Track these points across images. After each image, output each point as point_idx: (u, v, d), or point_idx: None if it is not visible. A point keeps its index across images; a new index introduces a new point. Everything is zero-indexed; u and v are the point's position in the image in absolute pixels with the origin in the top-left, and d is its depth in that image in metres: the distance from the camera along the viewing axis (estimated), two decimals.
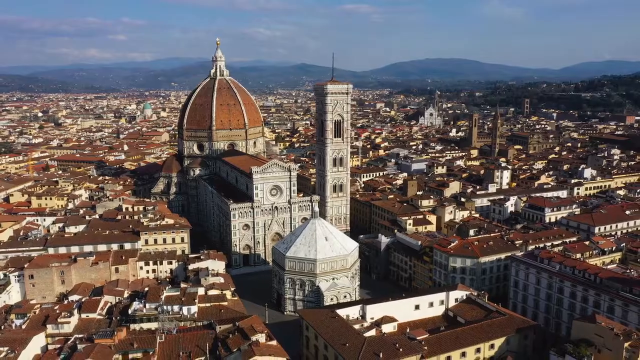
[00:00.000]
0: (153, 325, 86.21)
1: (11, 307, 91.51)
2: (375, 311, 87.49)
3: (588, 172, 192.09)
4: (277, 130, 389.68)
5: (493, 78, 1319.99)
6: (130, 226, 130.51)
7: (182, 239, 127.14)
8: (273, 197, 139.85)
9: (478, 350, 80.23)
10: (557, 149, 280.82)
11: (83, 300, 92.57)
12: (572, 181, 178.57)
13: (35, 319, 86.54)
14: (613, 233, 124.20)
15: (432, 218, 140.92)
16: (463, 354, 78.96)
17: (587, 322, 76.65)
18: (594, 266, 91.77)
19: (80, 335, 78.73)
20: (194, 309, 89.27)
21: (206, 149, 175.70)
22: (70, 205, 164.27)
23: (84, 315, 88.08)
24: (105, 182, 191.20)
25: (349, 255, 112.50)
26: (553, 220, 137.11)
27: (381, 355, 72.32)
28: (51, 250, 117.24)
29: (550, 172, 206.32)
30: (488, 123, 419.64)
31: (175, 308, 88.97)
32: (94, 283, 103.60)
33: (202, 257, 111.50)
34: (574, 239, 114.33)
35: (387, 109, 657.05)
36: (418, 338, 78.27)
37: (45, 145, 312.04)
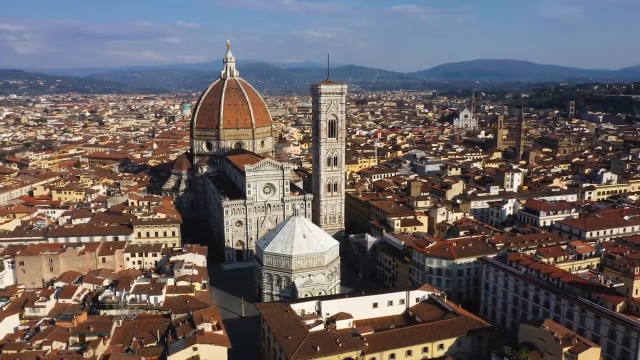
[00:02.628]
0: (121, 312, 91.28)
1: None
2: (331, 307, 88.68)
3: (607, 176, 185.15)
4: (305, 131, 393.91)
5: (546, 79, 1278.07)
6: (131, 220, 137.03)
7: (173, 233, 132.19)
8: (266, 194, 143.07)
9: (425, 349, 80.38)
10: (586, 152, 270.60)
11: (62, 286, 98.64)
12: (584, 185, 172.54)
13: (17, 302, 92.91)
14: (606, 238, 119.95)
15: (424, 219, 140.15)
16: (409, 353, 79.35)
17: (532, 325, 75.68)
18: (558, 270, 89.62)
19: (47, 318, 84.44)
20: (161, 298, 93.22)
21: (214, 148, 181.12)
22: (88, 199, 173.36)
23: (60, 301, 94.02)
24: (123, 178, 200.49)
25: (326, 253, 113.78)
26: (548, 223, 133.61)
27: (318, 349, 74.14)
28: (51, 240, 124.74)
29: (569, 176, 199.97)
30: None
31: (143, 297, 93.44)
32: (81, 272, 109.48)
33: (183, 250, 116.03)
34: (554, 243, 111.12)
35: (426, 111, 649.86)
36: (362, 334, 79.29)
37: (82, 143, 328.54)
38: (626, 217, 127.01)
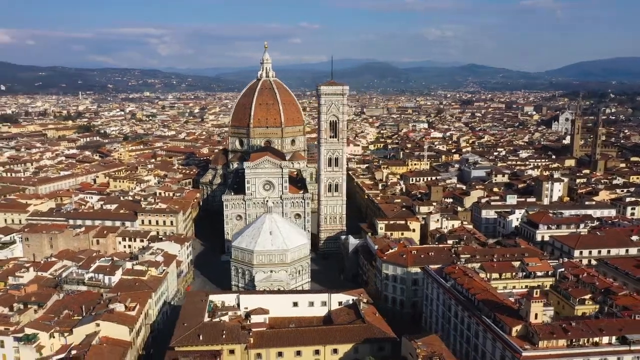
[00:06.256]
0: (81, 288, 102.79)
1: None
2: (250, 302, 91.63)
3: None
4: (382, 131, 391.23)
5: None
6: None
7: (172, 222, 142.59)
8: (266, 191, 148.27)
9: (317, 352, 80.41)
10: None
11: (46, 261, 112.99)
12: (627, 199, 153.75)
13: (6, 271, 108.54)
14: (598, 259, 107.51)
15: (416, 225, 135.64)
16: (298, 353, 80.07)
17: (408, 339, 72.56)
18: (479, 286, 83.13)
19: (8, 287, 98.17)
20: (114, 279, 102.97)
21: (245, 145, 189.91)
22: (137, 188, 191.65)
23: (39, 273, 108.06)
24: (176, 170, 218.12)
25: (289, 251, 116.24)
26: (547, 238, 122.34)
27: (201, 338, 77.92)
28: (71, 222, 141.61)
29: (631, 189, 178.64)
30: (625, 131, 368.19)
31: (100, 276, 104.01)
32: (75, 251, 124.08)
33: (163, 238, 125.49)
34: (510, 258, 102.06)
35: (533, 113, 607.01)
36: (253, 330, 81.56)
37: (170, 138, 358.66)
38: (634, 237, 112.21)
